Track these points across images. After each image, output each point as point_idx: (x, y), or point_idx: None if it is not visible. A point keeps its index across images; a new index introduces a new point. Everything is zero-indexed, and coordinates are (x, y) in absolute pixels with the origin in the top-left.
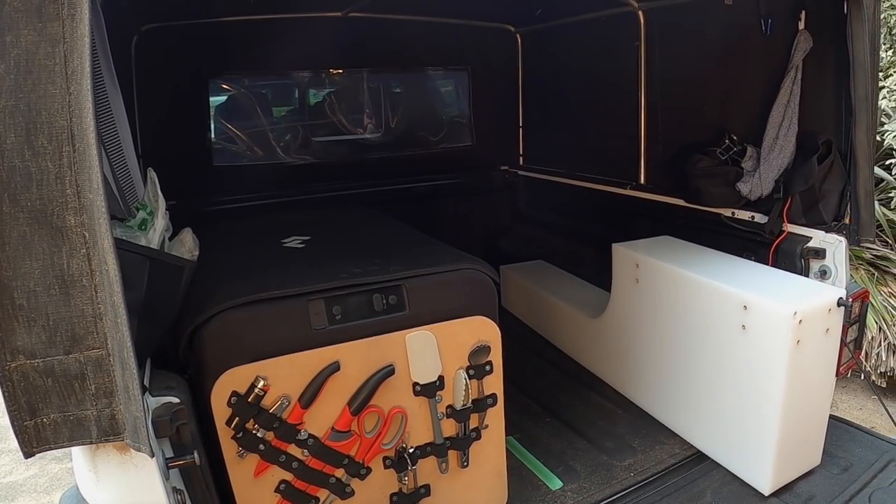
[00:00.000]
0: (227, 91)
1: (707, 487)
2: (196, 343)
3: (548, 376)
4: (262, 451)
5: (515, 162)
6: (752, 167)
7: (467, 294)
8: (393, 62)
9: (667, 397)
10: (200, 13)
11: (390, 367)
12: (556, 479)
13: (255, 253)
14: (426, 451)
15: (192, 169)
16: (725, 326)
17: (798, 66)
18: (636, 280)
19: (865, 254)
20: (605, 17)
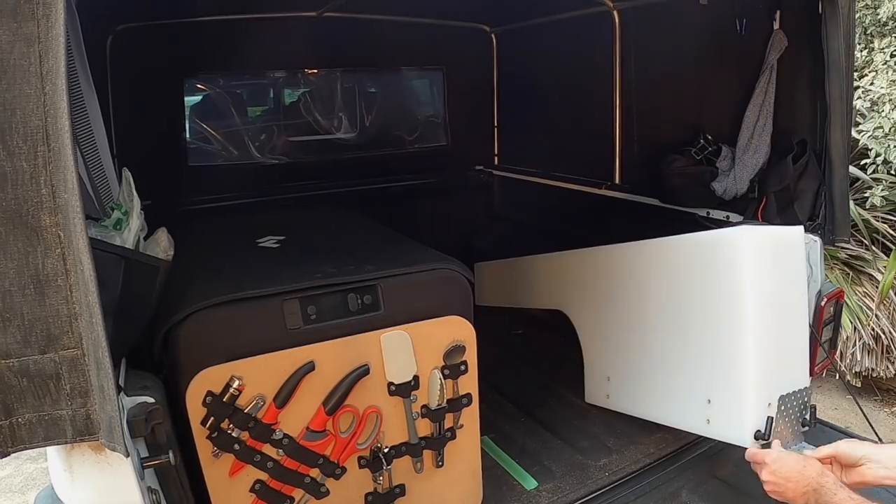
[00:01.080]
0: (203, 91)
1: (682, 486)
2: (171, 343)
3: (523, 376)
4: (237, 450)
5: (490, 162)
6: (727, 167)
7: (442, 294)
8: (368, 62)
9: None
10: (175, 13)
11: (365, 366)
12: (531, 478)
13: (231, 253)
14: (401, 450)
15: (167, 169)
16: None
17: (773, 65)
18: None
19: (840, 253)
20: (579, 17)
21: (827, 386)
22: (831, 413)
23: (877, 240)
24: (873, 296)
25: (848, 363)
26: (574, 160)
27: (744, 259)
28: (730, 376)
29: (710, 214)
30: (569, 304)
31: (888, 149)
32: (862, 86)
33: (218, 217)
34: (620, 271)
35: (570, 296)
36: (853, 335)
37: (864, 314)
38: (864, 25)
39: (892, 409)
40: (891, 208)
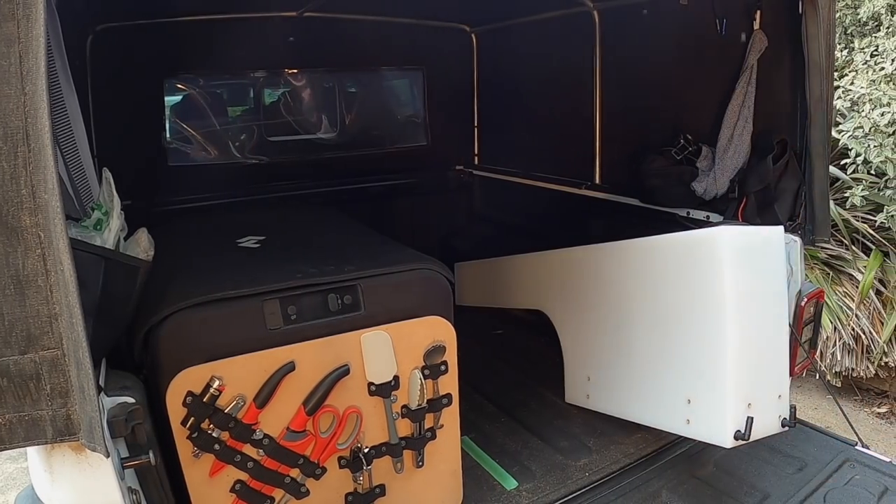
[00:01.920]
0: (183, 91)
1: (662, 486)
2: (151, 343)
3: (503, 376)
4: (218, 450)
5: (470, 162)
6: (707, 167)
7: (422, 294)
8: (348, 62)
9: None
10: (155, 13)
11: (345, 367)
12: (511, 478)
13: (211, 253)
14: (381, 450)
15: (147, 169)
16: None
17: (753, 66)
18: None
19: (821, 253)
20: (560, 17)
21: (807, 386)
22: (811, 413)
23: (857, 240)
24: (853, 296)
25: (828, 363)
26: (554, 160)
27: (724, 259)
28: (710, 376)
29: (691, 214)
30: (549, 305)
31: (868, 149)
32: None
33: (198, 217)
34: (601, 271)
35: (550, 296)
36: (833, 335)
37: (845, 314)
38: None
39: (872, 408)
40: (871, 208)
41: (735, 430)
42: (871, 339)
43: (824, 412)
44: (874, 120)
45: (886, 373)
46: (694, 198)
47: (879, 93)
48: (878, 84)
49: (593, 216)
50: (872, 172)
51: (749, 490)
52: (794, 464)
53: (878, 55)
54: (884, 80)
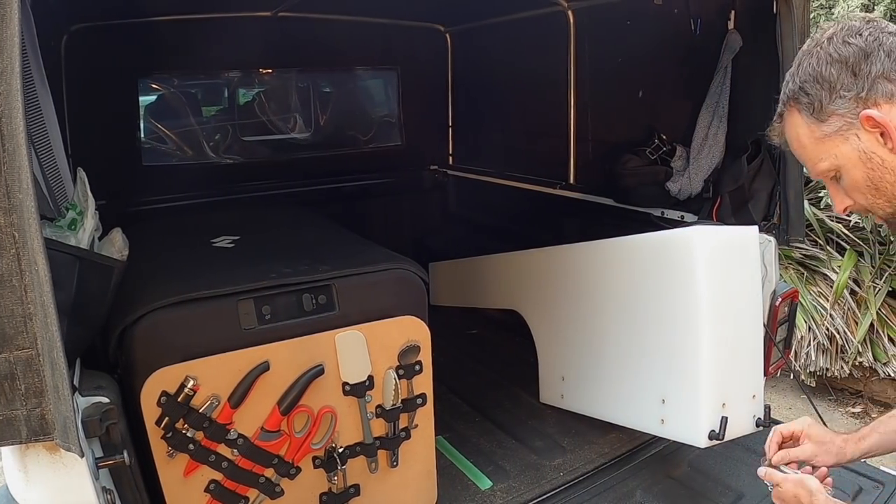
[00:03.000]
0: (157, 91)
1: (637, 486)
2: (126, 343)
3: (478, 376)
4: (192, 450)
5: (445, 161)
6: (682, 167)
7: (397, 294)
8: (322, 62)
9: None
10: (130, 13)
11: (320, 366)
12: (485, 478)
13: (185, 253)
14: (356, 450)
15: (121, 168)
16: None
17: (727, 65)
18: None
19: (795, 253)
20: (534, 17)
21: (781, 386)
22: (786, 413)
23: (831, 239)
24: (828, 295)
25: (802, 363)
26: (529, 160)
27: (698, 259)
28: (684, 376)
29: (665, 214)
30: (523, 304)
31: None
32: None
33: (172, 217)
34: (575, 271)
35: (524, 296)
36: (808, 335)
37: (819, 314)
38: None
39: (847, 408)
40: None
41: (709, 429)
42: (845, 339)
43: (799, 412)
44: None
45: (861, 373)
46: (668, 198)
47: None
48: None
49: (568, 216)
50: None
51: (723, 490)
52: None
53: None
54: None
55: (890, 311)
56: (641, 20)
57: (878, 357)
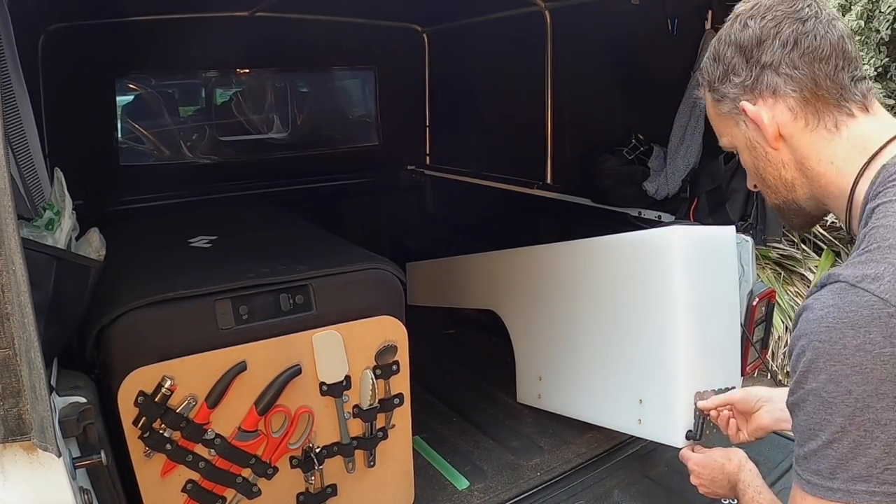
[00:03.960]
0: (135, 91)
1: (614, 486)
2: (103, 343)
3: (455, 376)
4: (169, 450)
5: (422, 161)
6: (659, 167)
7: (374, 294)
8: (299, 62)
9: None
10: (108, 13)
11: (297, 366)
12: (462, 478)
13: (162, 253)
14: (333, 450)
15: (99, 168)
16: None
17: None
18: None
19: (772, 253)
20: (511, 17)
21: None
22: None
23: (808, 239)
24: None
25: (780, 363)
26: (506, 160)
27: (675, 259)
28: (661, 376)
29: (642, 214)
30: (500, 304)
31: None
32: None
33: (150, 217)
34: (552, 271)
35: (501, 296)
36: (785, 335)
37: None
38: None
39: None
40: None
41: (686, 429)
42: None
43: None
44: None
45: None
46: (645, 198)
47: None
48: None
49: (545, 216)
50: None
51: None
52: None
53: None
54: None
55: None
56: (618, 20)
57: None
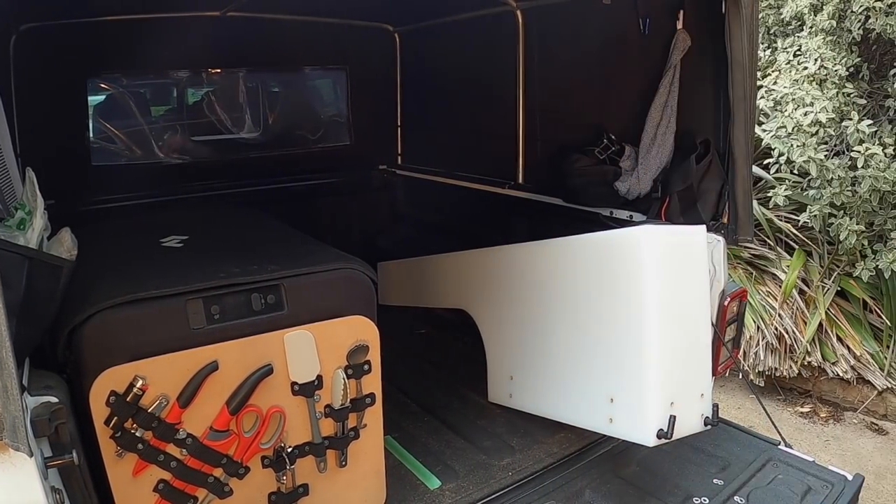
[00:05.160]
0: (106, 90)
1: (586, 486)
2: (74, 343)
3: (426, 375)
4: (141, 450)
5: (393, 161)
6: (631, 166)
7: (345, 294)
8: (271, 62)
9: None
10: (79, 13)
11: (268, 366)
12: (434, 478)
13: (134, 253)
14: (304, 450)
15: (70, 168)
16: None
17: (676, 65)
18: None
19: (744, 253)
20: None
21: (730, 385)
22: (734, 412)
23: (780, 239)
24: (776, 295)
25: (751, 362)
26: (477, 160)
27: (646, 258)
28: (632, 375)
29: (614, 214)
30: (472, 304)
31: (791, 148)
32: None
33: (122, 217)
34: (523, 271)
35: (472, 295)
36: (756, 334)
37: (768, 313)
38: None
39: (795, 408)
40: (794, 208)
41: (657, 428)
42: (794, 339)
43: (747, 411)
44: (797, 119)
45: (809, 372)
46: (617, 197)
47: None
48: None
49: (516, 216)
50: (795, 172)
51: (672, 489)
52: (718, 463)
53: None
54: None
55: (839, 311)
56: (590, 20)
57: (826, 357)
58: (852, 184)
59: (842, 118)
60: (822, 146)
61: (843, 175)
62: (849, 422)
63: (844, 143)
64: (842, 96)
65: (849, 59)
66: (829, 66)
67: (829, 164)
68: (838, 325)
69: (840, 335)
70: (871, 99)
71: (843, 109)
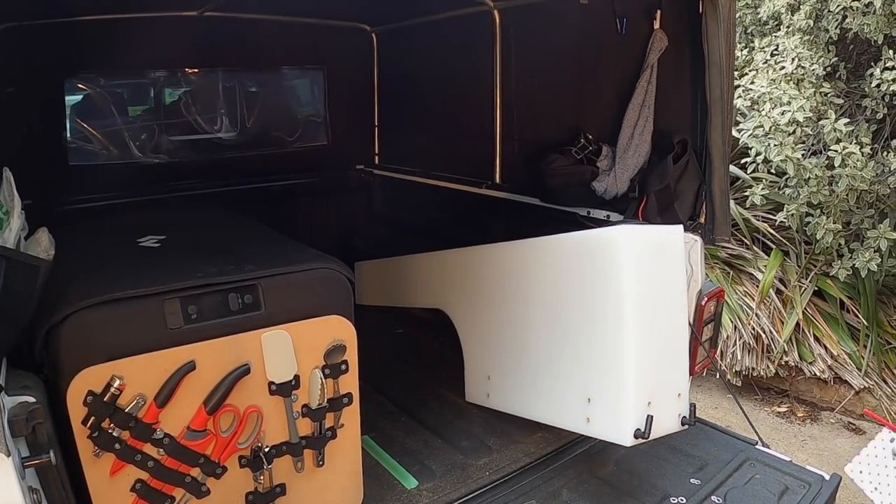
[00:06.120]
0: (84, 90)
1: (563, 486)
2: (52, 342)
3: (404, 375)
4: (118, 450)
5: (371, 161)
6: (608, 166)
7: (322, 293)
8: (249, 62)
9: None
10: (57, 13)
11: (246, 366)
12: (411, 478)
13: (111, 252)
14: (282, 450)
15: (48, 168)
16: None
17: (653, 65)
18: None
19: (721, 253)
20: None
21: (707, 385)
22: (712, 412)
23: (757, 239)
24: (754, 295)
25: (728, 362)
26: (455, 160)
27: (623, 258)
28: (609, 375)
29: (591, 214)
30: (449, 304)
31: (768, 148)
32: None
33: (99, 216)
34: (500, 270)
35: (450, 295)
36: (734, 334)
37: (745, 313)
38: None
39: (773, 408)
40: (771, 207)
41: (635, 428)
42: (771, 339)
43: (725, 411)
44: (774, 119)
45: (786, 372)
46: (594, 197)
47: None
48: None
49: (494, 215)
50: (773, 171)
51: (649, 489)
52: (695, 463)
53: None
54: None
55: (816, 311)
56: (567, 20)
57: (803, 356)
58: (829, 183)
59: (819, 117)
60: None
61: (821, 174)
62: (826, 421)
63: (821, 142)
64: (819, 96)
65: (826, 58)
66: (807, 66)
67: (806, 164)
68: (815, 324)
69: (817, 335)
70: (848, 98)
71: (821, 109)
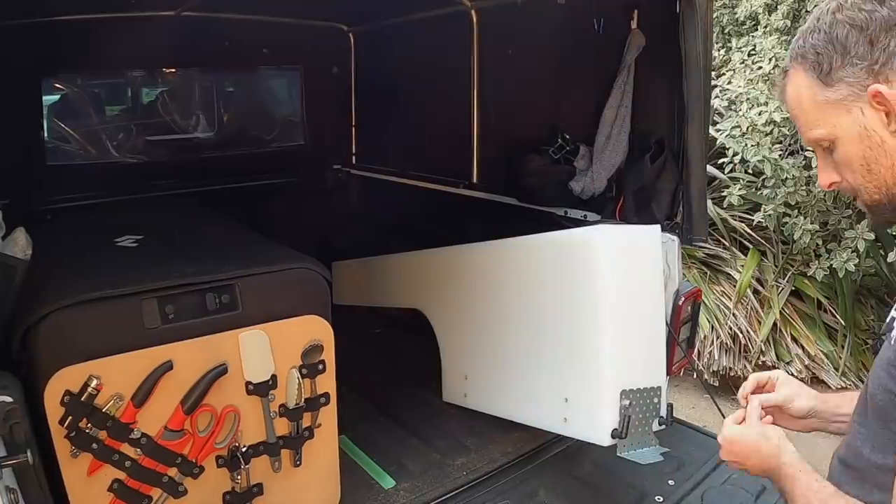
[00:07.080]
0: (61, 90)
1: (540, 486)
2: (29, 342)
3: (381, 375)
4: (95, 449)
5: (348, 161)
6: (585, 166)
7: (300, 293)
8: (226, 61)
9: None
10: (34, 12)
11: (223, 366)
12: (388, 477)
13: (89, 252)
14: (259, 449)
15: (24, 168)
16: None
17: (631, 65)
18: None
19: (698, 253)
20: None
21: (685, 385)
22: (689, 412)
23: (735, 239)
24: (731, 295)
25: (706, 362)
26: (432, 159)
27: (600, 258)
28: (586, 375)
29: (568, 213)
30: (426, 304)
31: (746, 148)
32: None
33: (77, 216)
34: (478, 270)
35: (427, 295)
36: (711, 334)
37: (722, 313)
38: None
39: None
40: (748, 207)
41: (612, 428)
42: (748, 339)
43: (702, 411)
44: (751, 119)
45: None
46: (571, 197)
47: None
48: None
49: (471, 215)
50: (750, 171)
51: (626, 489)
52: (672, 463)
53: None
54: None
55: (793, 311)
56: (545, 19)
57: (781, 356)
58: (807, 183)
59: None
60: (777, 145)
61: (798, 174)
62: None
63: (799, 142)
64: None
65: None
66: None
67: (783, 164)
68: (793, 324)
69: (794, 335)
70: None
71: None
